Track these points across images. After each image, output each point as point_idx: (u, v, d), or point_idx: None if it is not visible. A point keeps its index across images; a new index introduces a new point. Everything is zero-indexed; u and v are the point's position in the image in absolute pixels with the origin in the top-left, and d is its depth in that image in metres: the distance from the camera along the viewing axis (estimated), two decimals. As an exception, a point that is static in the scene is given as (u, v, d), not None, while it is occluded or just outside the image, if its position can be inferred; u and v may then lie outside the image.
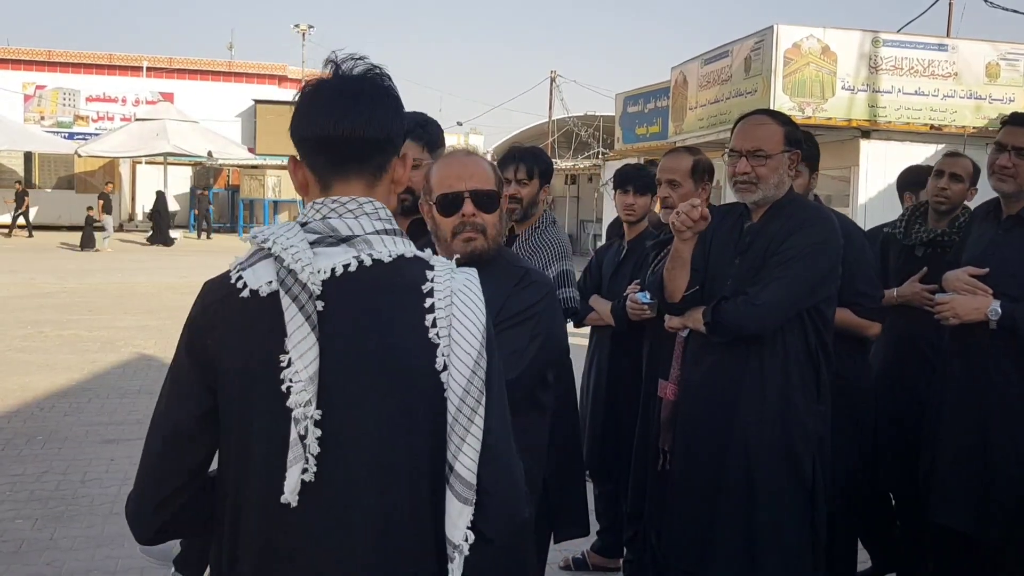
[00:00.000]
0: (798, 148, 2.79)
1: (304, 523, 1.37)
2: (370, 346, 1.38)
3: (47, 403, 6.88)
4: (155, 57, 32.14)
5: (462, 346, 1.39)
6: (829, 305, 2.77)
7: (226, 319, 1.40)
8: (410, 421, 1.40)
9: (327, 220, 1.41)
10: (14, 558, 4.03)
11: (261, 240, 1.39)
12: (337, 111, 1.41)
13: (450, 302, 1.40)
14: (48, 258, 18.79)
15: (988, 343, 2.91)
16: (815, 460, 2.68)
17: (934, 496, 3.07)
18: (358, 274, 1.38)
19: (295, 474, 1.33)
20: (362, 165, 1.45)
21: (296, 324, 1.33)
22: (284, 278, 1.35)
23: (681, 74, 13.41)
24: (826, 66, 10.77)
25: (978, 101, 11.10)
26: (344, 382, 1.37)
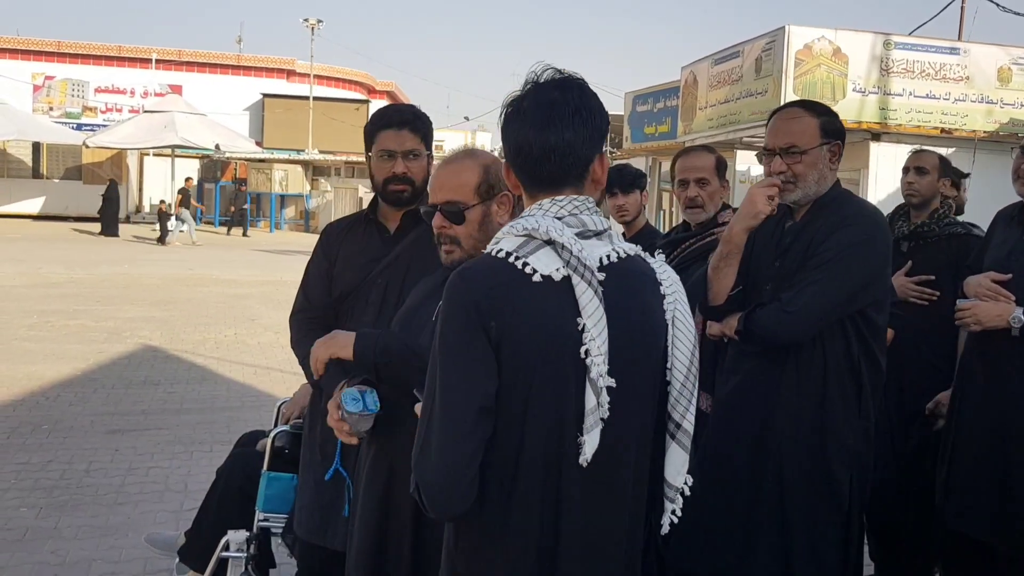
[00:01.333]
0: (838, 139, 2.61)
1: (595, 478, 1.58)
2: (635, 324, 1.61)
3: (53, 392, 6.89)
4: (164, 49, 32.15)
5: (687, 323, 1.69)
6: (879, 311, 2.58)
7: (514, 301, 1.54)
8: (654, 390, 1.67)
9: (576, 216, 1.62)
10: (18, 546, 4.04)
11: (542, 232, 1.55)
12: (532, 137, 1.61)
13: (675, 289, 1.69)
14: (56, 248, 18.82)
15: (1010, 350, 2.87)
16: (852, 480, 2.52)
17: (951, 503, 3.03)
18: (618, 264, 1.62)
19: (595, 437, 1.54)
20: (564, 179, 1.64)
21: (593, 305, 1.53)
22: (576, 265, 1.54)
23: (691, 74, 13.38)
24: (837, 68, 10.72)
25: (989, 105, 11.05)
26: (622, 356, 1.57)
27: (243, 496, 3.25)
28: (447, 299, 1.57)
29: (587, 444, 1.54)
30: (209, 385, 7.44)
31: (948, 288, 3.53)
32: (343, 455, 2.50)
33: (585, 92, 1.64)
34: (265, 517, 3.14)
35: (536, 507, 1.57)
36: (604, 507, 1.61)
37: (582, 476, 1.57)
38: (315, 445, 2.73)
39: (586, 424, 1.54)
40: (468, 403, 1.53)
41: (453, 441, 1.53)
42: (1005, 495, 2.87)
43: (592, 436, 1.54)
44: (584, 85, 1.66)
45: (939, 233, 3.69)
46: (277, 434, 3.20)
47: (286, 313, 2.90)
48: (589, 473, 1.57)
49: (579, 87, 1.64)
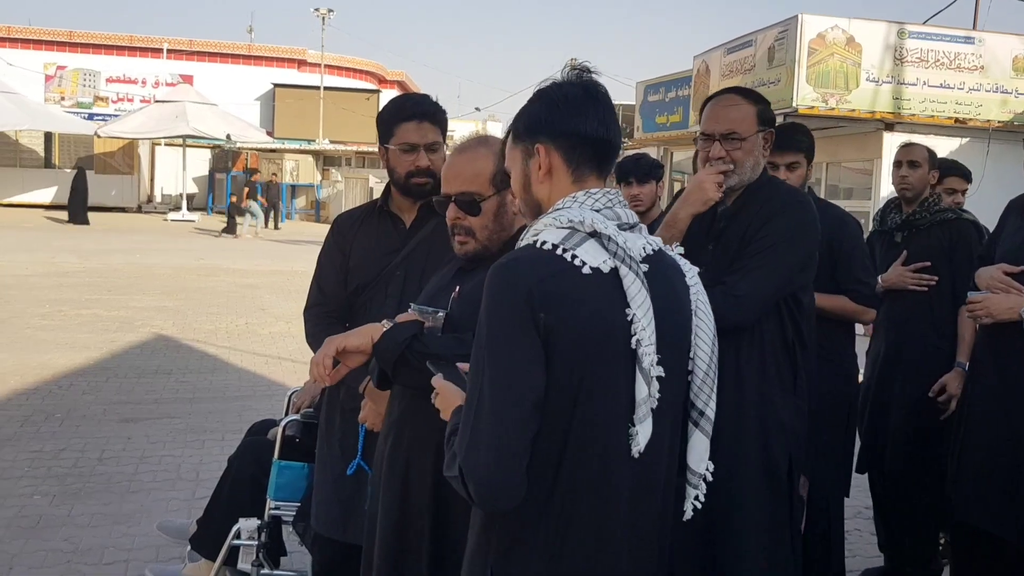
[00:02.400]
0: (771, 126, 2.66)
1: (643, 468, 1.59)
2: (673, 315, 1.64)
3: (66, 381, 6.93)
4: (175, 39, 32.21)
5: (709, 314, 1.74)
6: (806, 292, 2.66)
7: (564, 293, 1.53)
8: (685, 377, 1.71)
9: (612, 208, 1.64)
10: (32, 533, 4.07)
11: (587, 225, 1.56)
12: (606, 117, 1.66)
13: (696, 281, 1.74)
14: (68, 237, 18.91)
15: (1021, 343, 2.85)
16: (791, 457, 2.57)
17: (961, 495, 3.03)
18: (655, 256, 1.65)
19: (648, 428, 1.56)
20: (610, 166, 1.70)
21: (642, 296, 1.55)
22: (624, 257, 1.56)
23: (703, 63, 13.31)
24: (851, 57, 10.64)
25: (1004, 95, 10.95)
26: (664, 345, 1.58)
27: (254, 484, 3.26)
28: (492, 291, 1.54)
29: (640, 434, 1.55)
30: (220, 374, 7.47)
31: (944, 272, 3.65)
32: (365, 450, 2.50)
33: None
34: (276, 505, 3.15)
35: (584, 499, 1.56)
36: (648, 496, 1.63)
37: (632, 466, 1.58)
38: (333, 440, 2.72)
39: (638, 414, 1.55)
40: (519, 397, 1.51)
41: (506, 435, 1.51)
42: (1015, 487, 2.86)
43: (645, 426, 1.55)
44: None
45: (931, 220, 3.76)
46: (288, 423, 3.21)
47: (296, 303, 2.91)
48: (637, 463, 1.58)
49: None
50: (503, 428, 1.51)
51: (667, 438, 1.66)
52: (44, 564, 3.77)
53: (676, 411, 1.69)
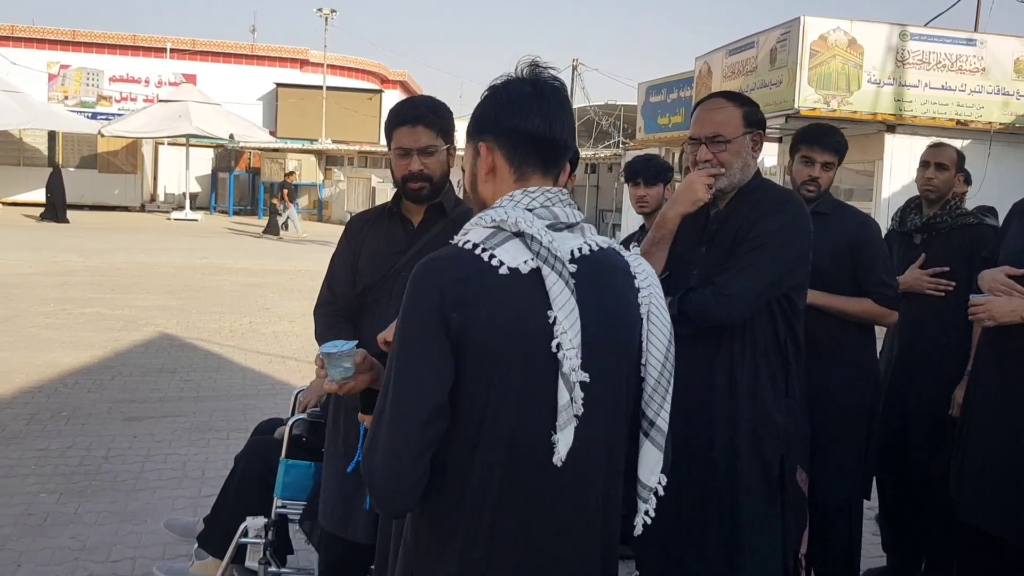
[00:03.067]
0: (760, 128, 2.66)
1: (557, 481, 1.51)
2: (608, 319, 1.57)
3: (71, 380, 6.96)
4: (178, 39, 32.27)
5: (662, 318, 1.65)
6: (799, 293, 2.65)
7: (477, 294, 1.48)
8: (627, 385, 1.62)
9: (548, 208, 1.57)
10: (39, 531, 4.10)
11: (510, 223, 1.51)
12: (550, 114, 1.59)
13: (650, 283, 1.65)
14: (71, 236, 18.95)
15: (1022, 345, 2.86)
16: (783, 458, 2.57)
17: (963, 496, 3.05)
18: (590, 256, 1.58)
19: (569, 435, 1.49)
20: (557, 165, 1.63)
21: (564, 297, 1.48)
22: (546, 257, 1.49)
23: (705, 64, 13.34)
24: (852, 59, 10.67)
25: (1006, 97, 10.98)
26: (594, 351, 1.51)
27: (261, 483, 3.30)
28: (410, 289, 1.51)
29: (560, 442, 1.48)
30: (225, 373, 7.50)
31: (963, 277, 3.58)
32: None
33: (567, 97, 1.67)
34: (283, 504, 3.18)
35: (498, 506, 1.50)
36: (579, 507, 1.56)
37: (554, 475, 1.50)
38: (338, 438, 2.76)
39: (559, 421, 1.48)
40: (420, 400, 1.47)
41: (402, 439, 1.47)
42: (1017, 489, 2.88)
43: (566, 434, 1.48)
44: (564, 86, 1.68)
45: (951, 224, 3.71)
46: (295, 422, 3.24)
47: (300, 302, 2.95)
48: (562, 472, 1.50)
49: (565, 89, 1.67)
50: (399, 432, 1.48)
51: (603, 447, 1.58)
52: (52, 561, 3.80)
53: (614, 419, 1.60)
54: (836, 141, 3.33)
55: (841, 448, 3.15)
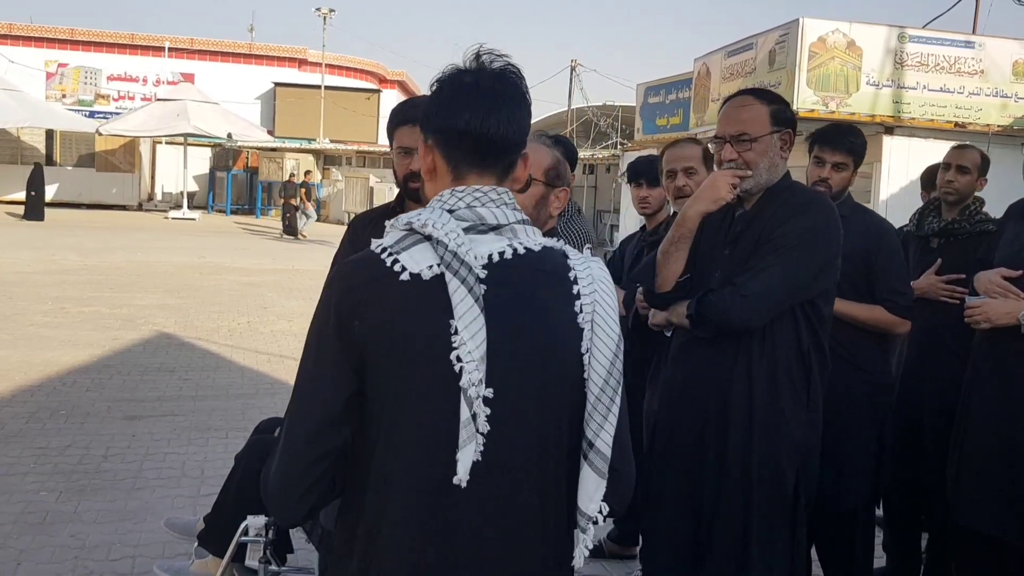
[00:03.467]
0: (789, 126, 2.56)
1: (469, 503, 1.40)
2: (528, 329, 1.44)
3: (70, 378, 6.96)
4: (176, 38, 32.24)
5: (606, 331, 1.47)
6: (827, 301, 2.54)
7: (379, 301, 1.40)
8: (559, 401, 1.47)
9: (473, 208, 1.45)
10: (39, 529, 4.10)
11: (419, 225, 1.41)
12: (483, 108, 1.46)
13: (593, 289, 1.48)
14: (69, 235, 18.93)
15: (1020, 348, 2.86)
16: (799, 474, 2.49)
17: (960, 498, 3.05)
18: (513, 261, 1.45)
19: (469, 454, 1.37)
20: (497, 161, 1.50)
21: (466, 305, 1.37)
22: (450, 262, 1.38)
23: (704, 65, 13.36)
24: (851, 61, 10.70)
25: (1004, 99, 11.00)
26: (506, 363, 1.41)
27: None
28: (322, 292, 1.46)
29: (460, 461, 1.36)
30: (224, 372, 7.51)
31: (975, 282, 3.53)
32: None
33: (523, 84, 1.52)
34: (284, 503, 3.18)
35: (392, 524, 1.42)
36: (501, 532, 1.43)
37: (465, 496, 1.39)
38: None
39: (461, 437, 1.36)
40: (312, 409, 1.42)
41: (292, 449, 1.43)
42: (1014, 491, 2.88)
43: (466, 452, 1.37)
44: (523, 77, 1.53)
45: (970, 231, 3.65)
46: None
47: (298, 301, 2.96)
48: (466, 493, 1.39)
49: (520, 78, 1.52)
50: (290, 441, 1.44)
51: (527, 467, 1.44)
52: (52, 560, 3.80)
53: (541, 438, 1.45)
54: (849, 142, 3.26)
55: (848, 456, 3.10)
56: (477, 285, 1.38)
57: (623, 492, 1.55)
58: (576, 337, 1.47)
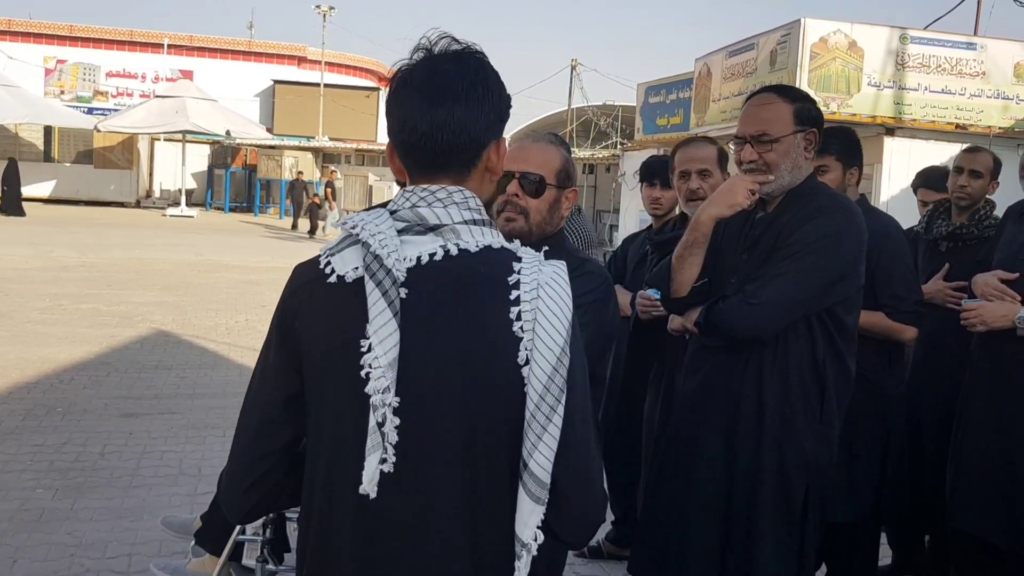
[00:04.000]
0: (815, 126, 2.44)
1: (386, 515, 1.36)
2: (453, 337, 1.35)
3: (67, 375, 6.93)
4: (175, 34, 32.22)
5: (545, 341, 1.33)
6: (849, 311, 2.42)
7: (312, 303, 1.40)
8: (491, 416, 1.35)
9: (415, 208, 1.39)
10: (35, 527, 4.07)
11: (350, 227, 1.38)
12: (418, 108, 1.39)
13: (536, 295, 1.34)
14: (67, 232, 18.89)
15: (1016, 350, 2.85)
16: (808, 488, 2.40)
17: (957, 503, 3.03)
18: (444, 263, 1.36)
19: (373, 463, 1.32)
20: (448, 162, 1.41)
21: (378, 310, 1.32)
22: (370, 264, 1.33)
23: (705, 65, 13.34)
24: (852, 61, 10.68)
25: (1005, 101, 10.99)
26: (425, 372, 1.34)
27: (260, 481, 3.27)
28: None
29: (365, 471, 1.32)
30: (221, 370, 7.48)
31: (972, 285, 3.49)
32: None
33: (484, 67, 1.43)
34: (282, 502, 3.15)
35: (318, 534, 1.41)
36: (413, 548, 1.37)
37: (377, 509, 1.35)
38: None
39: (367, 445, 1.32)
40: (255, 410, 1.46)
41: (239, 445, 1.47)
42: (1011, 496, 2.87)
43: (370, 461, 1.32)
44: (485, 59, 1.44)
45: (978, 236, 3.59)
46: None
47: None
48: (386, 506, 1.35)
49: (478, 61, 1.43)
50: (238, 437, 1.48)
51: (439, 483, 1.35)
52: (48, 557, 3.77)
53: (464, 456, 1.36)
54: (826, 143, 3.09)
55: (853, 467, 3.04)
56: (393, 288, 1.32)
57: (575, 522, 1.41)
58: (511, 346, 1.33)
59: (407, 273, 1.35)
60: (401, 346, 1.32)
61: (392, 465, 1.33)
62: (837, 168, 3.17)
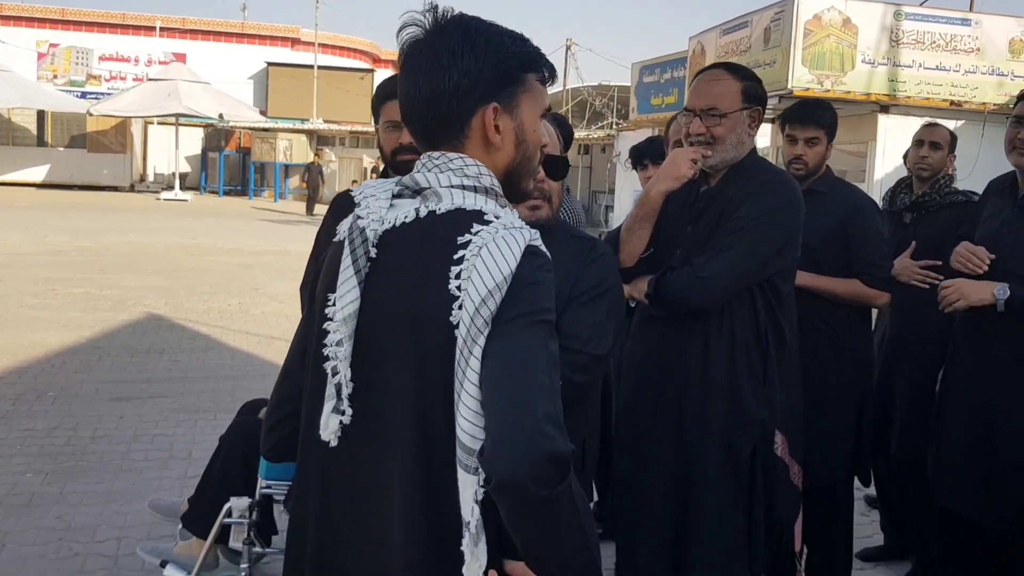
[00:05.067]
0: (760, 104, 2.54)
1: (346, 467, 1.42)
2: (402, 298, 1.36)
3: (58, 360, 6.91)
4: (168, 17, 32.03)
5: (470, 296, 1.26)
6: (785, 280, 2.53)
7: (326, 264, 1.49)
8: (431, 379, 1.31)
9: (415, 174, 1.43)
10: (24, 511, 4.07)
11: (356, 192, 1.48)
12: (400, 89, 1.45)
13: (476, 254, 1.29)
14: (61, 216, 18.83)
15: (998, 326, 2.84)
16: (755, 448, 2.48)
17: (940, 480, 3.05)
18: (412, 225, 1.38)
19: (327, 411, 1.40)
20: (435, 134, 1.42)
21: (347, 273, 1.38)
22: (350, 227, 1.42)
23: (699, 44, 13.27)
24: (847, 39, 10.62)
25: (1000, 77, 10.94)
26: (378, 331, 1.37)
27: (245, 463, 3.26)
28: None
29: (322, 417, 1.40)
30: (213, 354, 7.46)
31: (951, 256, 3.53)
32: None
33: (463, 32, 1.39)
34: (267, 484, 3.15)
35: (303, 482, 1.50)
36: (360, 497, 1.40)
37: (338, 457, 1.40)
38: None
39: (325, 394, 1.40)
40: (287, 358, 1.61)
41: (275, 387, 1.64)
42: (989, 473, 2.88)
43: (326, 408, 1.39)
44: (469, 23, 1.40)
45: (940, 202, 3.70)
46: (280, 402, 3.20)
47: (290, 283, 2.91)
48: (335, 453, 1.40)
49: (458, 26, 1.39)
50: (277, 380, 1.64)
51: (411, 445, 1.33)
52: (36, 541, 3.77)
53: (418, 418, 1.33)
54: (815, 114, 3.26)
55: (828, 432, 3.10)
56: (361, 248, 1.38)
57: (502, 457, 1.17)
58: (446, 305, 1.30)
59: (383, 235, 1.39)
60: (362, 304, 1.37)
61: (350, 418, 1.39)
62: (824, 142, 3.28)
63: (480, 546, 1.27)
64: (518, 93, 1.42)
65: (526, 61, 1.43)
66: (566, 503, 1.19)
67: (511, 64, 1.40)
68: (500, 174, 1.43)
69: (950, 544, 3.18)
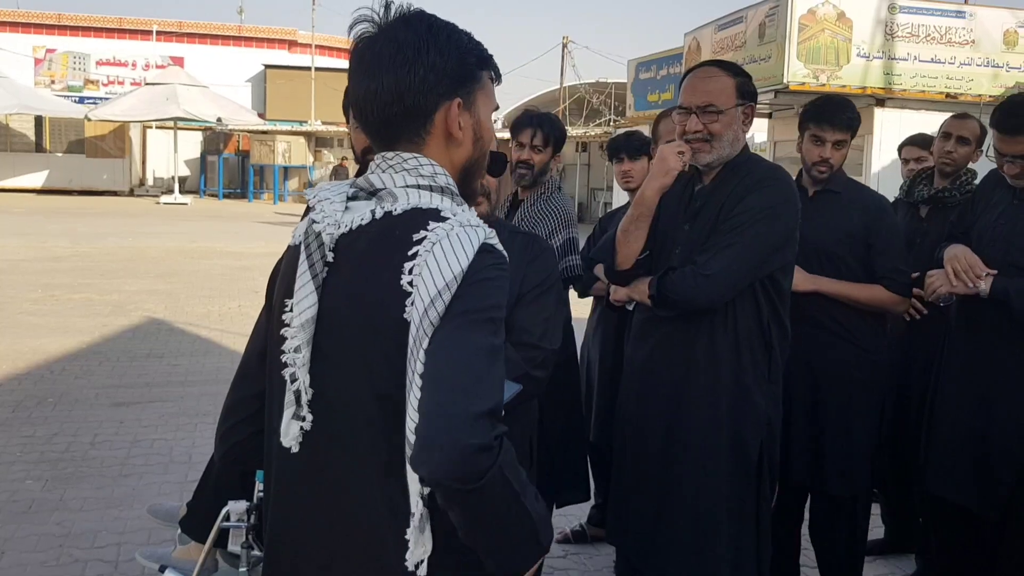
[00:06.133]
0: (752, 100, 2.57)
1: (305, 470, 1.41)
2: (358, 299, 1.34)
3: (58, 366, 6.93)
4: (165, 21, 32.01)
5: (420, 289, 1.26)
6: (785, 275, 2.55)
7: (283, 265, 1.48)
8: (393, 377, 1.29)
9: (369, 175, 1.41)
10: (24, 518, 4.08)
11: (310, 196, 1.45)
12: (356, 85, 1.40)
13: (429, 250, 1.27)
14: (60, 222, 18.83)
15: (991, 316, 2.86)
16: (763, 444, 2.50)
17: (932, 468, 3.06)
18: (368, 227, 1.36)
19: (287, 417, 1.39)
20: (394, 132, 1.40)
21: (304, 278, 1.37)
22: (307, 230, 1.39)
23: (695, 40, 13.25)
24: (841, 33, 10.60)
25: (995, 69, 10.92)
26: (334, 335, 1.36)
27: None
28: None
29: (282, 423, 1.40)
30: (213, 358, 7.47)
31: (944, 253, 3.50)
32: None
33: (426, 28, 1.37)
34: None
35: (268, 487, 1.52)
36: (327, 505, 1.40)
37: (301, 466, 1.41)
38: None
39: (285, 401, 1.39)
40: (240, 364, 1.61)
41: (230, 390, 1.63)
42: (980, 460, 2.89)
43: (286, 415, 1.39)
44: (431, 20, 1.39)
45: (960, 200, 3.58)
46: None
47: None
48: (296, 459, 1.41)
49: (420, 22, 1.38)
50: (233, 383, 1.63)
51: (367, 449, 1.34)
52: (36, 548, 3.78)
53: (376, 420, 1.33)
54: (848, 117, 3.16)
55: (856, 440, 3.06)
56: (318, 252, 1.36)
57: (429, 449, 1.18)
58: (398, 302, 1.28)
59: (339, 239, 1.37)
60: (320, 309, 1.36)
61: (311, 424, 1.39)
62: (848, 142, 3.20)
63: (425, 534, 1.30)
64: (475, 90, 1.42)
65: (481, 58, 1.43)
66: (498, 486, 1.21)
67: (470, 60, 1.40)
68: (457, 171, 1.43)
69: (941, 531, 3.21)
